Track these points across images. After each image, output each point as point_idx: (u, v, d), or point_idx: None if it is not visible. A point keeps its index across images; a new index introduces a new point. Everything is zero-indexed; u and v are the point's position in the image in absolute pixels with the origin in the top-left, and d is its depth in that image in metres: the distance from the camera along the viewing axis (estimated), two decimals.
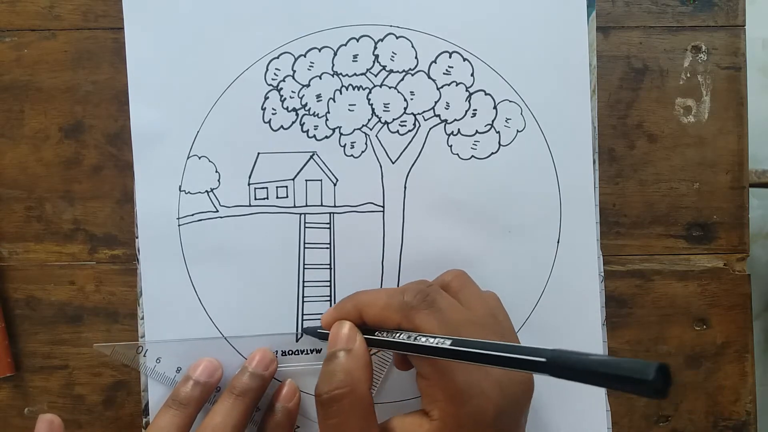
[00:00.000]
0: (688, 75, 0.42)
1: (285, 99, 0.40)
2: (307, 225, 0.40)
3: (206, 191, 0.40)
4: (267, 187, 0.40)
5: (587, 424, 0.40)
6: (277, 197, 0.40)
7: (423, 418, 0.31)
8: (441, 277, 0.37)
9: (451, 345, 0.28)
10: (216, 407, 0.36)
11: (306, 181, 0.40)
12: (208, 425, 0.35)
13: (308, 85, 0.40)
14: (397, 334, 0.32)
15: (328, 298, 0.40)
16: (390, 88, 0.40)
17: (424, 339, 0.30)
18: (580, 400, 0.40)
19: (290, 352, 0.39)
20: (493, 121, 0.40)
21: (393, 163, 0.40)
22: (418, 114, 0.40)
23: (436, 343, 0.29)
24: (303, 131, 0.40)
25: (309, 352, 0.39)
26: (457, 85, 0.40)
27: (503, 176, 0.40)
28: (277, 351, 0.39)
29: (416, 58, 0.40)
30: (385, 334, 0.33)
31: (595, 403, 0.40)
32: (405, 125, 0.40)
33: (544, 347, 0.25)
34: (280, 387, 0.38)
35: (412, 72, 0.40)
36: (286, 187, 0.40)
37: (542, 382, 0.40)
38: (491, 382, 0.31)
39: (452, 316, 0.32)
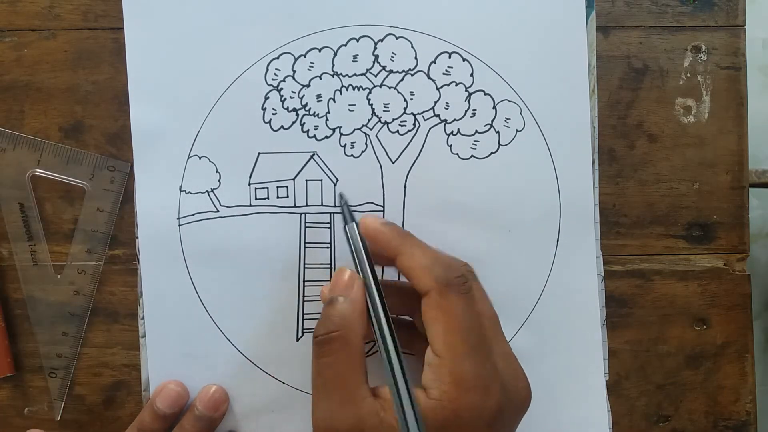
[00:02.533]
0: (688, 75, 0.42)
1: (285, 99, 0.40)
2: (307, 225, 0.40)
3: (207, 191, 0.40)
4: (267, 187, 0.40)
5: (587, 424, 0.40)
6: (278, 197, 0.40)
7: (420, 393, 0.31)
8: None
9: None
10: None
11: (306, 181, 0.40)
12: None
13: (308, 86, 0.40)
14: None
15: None
16: (390, 88, 0.40)
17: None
18: (581, 400, 0.40)
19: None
20: (492, 120, 0.40)
21: (393, 163, 0.40)
22: (418, 114, 0.40)
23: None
24: (303, 131, 0.40)
25: None
26: (456, 85, 0.40)
27: (503, 176, 0.40)
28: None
29: (416, 58, 0.40)
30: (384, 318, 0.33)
31: (595, 403, 0.40)
32: (405, 125, 0.40)
33: None
34: (207, 391, 0.39)
35: (412, 72, 0.40)
36: (287, 187, 0.40)
37: (542, 381, 0.40)
38: (498, 380, 0.31)
39: (478, 308, 0.32)
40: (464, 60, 0.40)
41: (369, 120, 0.40)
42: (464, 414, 0.30)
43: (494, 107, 0.40)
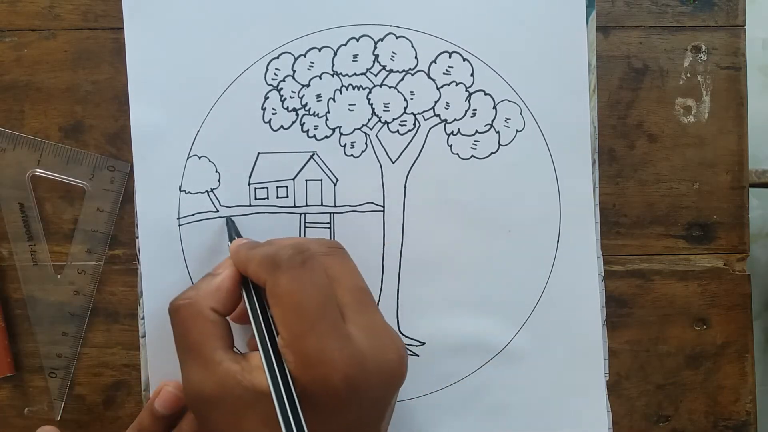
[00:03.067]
0: (688, 75, 0.42)
1: (285, 99, 0.40)
2: (307, 225, 0.40)
3: (206, 191, 0.40)
4: (267, 187, 0.40)
5: (587, 424, 0.40)
6: (278, 197, 0.40)
7: None
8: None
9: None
10: None
11: (306, 181, 0.40)
12: None
13: (308, 85, 0.40)
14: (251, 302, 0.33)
15: None
16: (390, 87, 0.40)
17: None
18: (581, 401, 0.40)
19: None
20: (492, 120, 0.40)
21: (393, 162, 0.40)
22: (418, 114, 0.40)
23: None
24: (303, 131, 0.40)
25: None
26: (456, 85, 0.40)
27: (503, 176, 0.40)
28: None
29: (416, 58, 0.40)
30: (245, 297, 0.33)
31: (595, 403, 0.40)
32: (405, 125, 0.40)
33: None
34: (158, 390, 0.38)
35: (412, 72, 0.40)
36: (286, 187, 0.40)
37: (542, 381, 0.40)
38: (347, 354, 0.29)
39: (321, 281, 0.31)
40: (465, 60, 0.40)
41: (369, 120, 0.40)
42: (313, 389, 0.29)
43: (494, 107, 0.40)
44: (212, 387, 0.31)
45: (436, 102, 0.40)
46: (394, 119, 0.40)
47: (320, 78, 0.40)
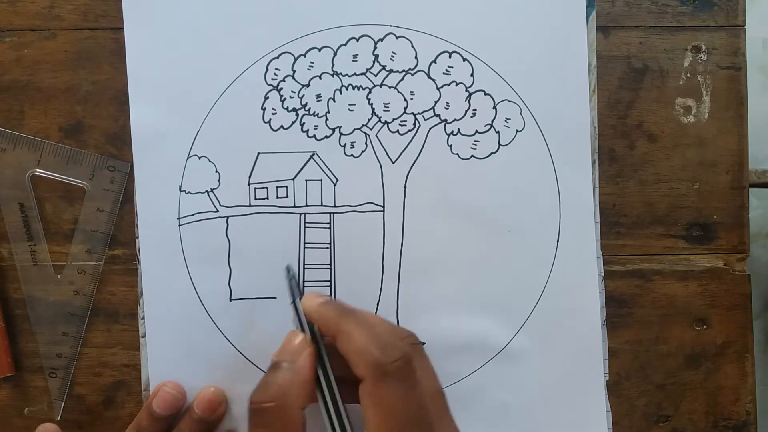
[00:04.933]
0: (688, 75, 0.42)
1: (285, 99, 0.40)
2: (307, 225, 0.40)
3: (206, 191, 0.40)
4: (267, 187, 0.40)
5: (587, 424, 0.40)
6: (277, 197, 0.40)
7: None
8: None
9: None
10: None
11: (306, 181, 0.40)
12: None
13: (308, 85, 0.40)
14: (332, 401, 0.32)
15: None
16: (390, 87, 0.40)
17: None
18: (581, 400, 0.40)
19: None
20: (492, 120, 0.40)
21: (393, 162, 0.40)
22: (418, 114, 0.40)
23: None
24: (303, 131, 0.40)
25: None
26: (456, 85, 0.40)
27: (503, 176, 0.40)
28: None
29: (416, 57, 0.40)
30: (328, 395, 0.32)
31: (595, 403, 0.40)
32: (405, 125, 0.40)
33: None
34: (204, 393, 0.38)
35: (412, 72, 0.40)
36: (286, 187, 0.40)
37: (542, 381, 0.40)
38: None
39: (418, 392, 0.31)
40: (464, 60, 0.40)
41: (369, 120, 0.40)
42: None
43: (494, 107, 0.40)
44: None
45: (436, 102, 0.40)
46: (394, 119, 0.40)
47: (320, 78, 0.40)
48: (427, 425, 0.31)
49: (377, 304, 0.40)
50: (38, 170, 0.41)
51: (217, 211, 0.40)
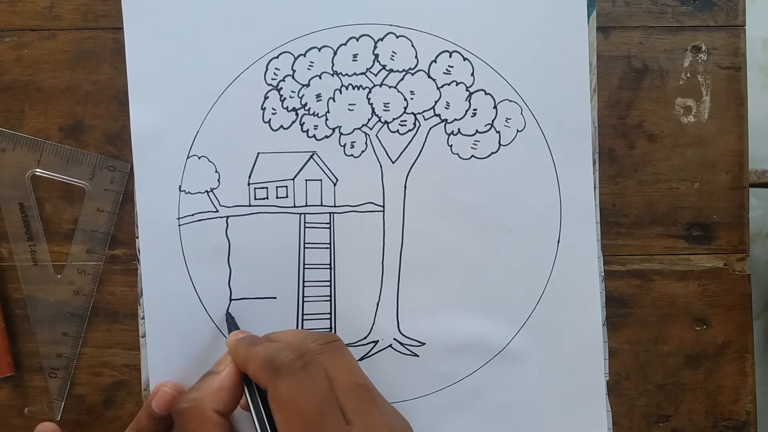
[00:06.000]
0: (688, 75, 0.42)
1: (285, 99, 0.40)
2: (307, 225, 0.40)
3: (206, 191, 0.40)
4: (267, 187, 0.40)
5: (587, 424, 0.40)
6: (277, 197, 0.40)
7: None
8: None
9: None
10: None
11: (306, 181, 0.40)
12: None
13: (308, 85, 0.40)
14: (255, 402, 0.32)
15: (328, 298, 0.40)
16: (390, 87, 0.40)
17: None
18: (581, 400, 0.40)
19: None
20: (493, 120, 0.40)
21: (393, 162, 0.40)
22: (418, 113, 0.40)
23: None
24: (303, 131, 0.40)
25: None
26: (457, 84, 0.40)
27: (503, 176, 0.40)
28: None
29: (416, 57, 0.40)
30: (250, 396, 0.33)
31: (595, 403, 0.40)
32: (405, 125, 0.40)
33: None
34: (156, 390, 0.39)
35: (412, 71, 0.40)
36: (286, 187, 0.40)
37: (542, 381, 0.40)
38: None
39: (320, 384, 0.31)
40: (465, 59, 0.40)
41: (369, 119, 0.40)
42: None
43: (495, 107, 0.40)
44: None
45: (436, 102, 0.40)
46: (394, 119, 0.40)
47: (320, 78, 0.40)
48: (336, 417, 0.30)
49: (377, 304, 0.40)
50: (38, 170, 0.41)
51: (217, 211, 0.40)
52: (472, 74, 0.40)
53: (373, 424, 0.31)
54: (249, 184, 0.40)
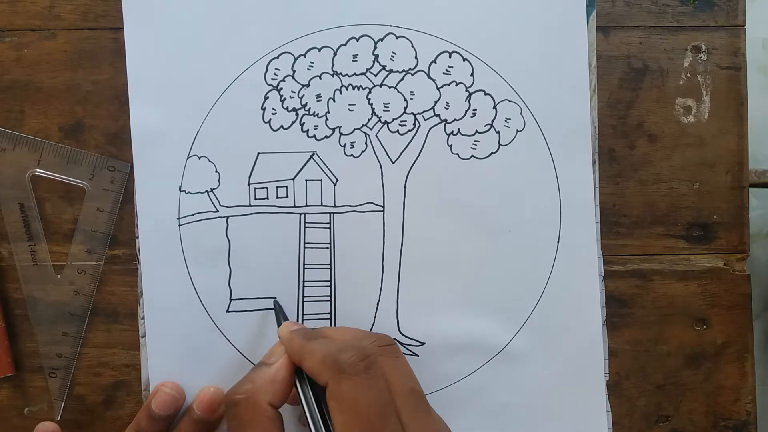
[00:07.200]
0: (688, 75, 0.42)
1: (285, 99, 0.40)
2: (307, 225, 0.40)
3: (206, 191, 0.40)
4: (267, 187, 0.40)
5: (587, 424, 0.40)
6: (277, 197, 0.40)
7: None
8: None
9: None
10: None
11: (306, 181, 0.40)
12: None
13: (308, 85, 0.40)
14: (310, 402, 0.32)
15: (329, 298, 0.40)
16: (390, 87, 0.40)
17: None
18: (581, 400, 0.40)
19: None
20: (492, 120, 0.40)
21: (393, 162, 0.40)
22: (418, 114, 0.40)
23: None
24: (303, 131, 0.40)
25: None
26: (456, 84, 0.40)
27: (503, 176, 0.40)
28: None
29: (416, 57, 0.40)
30: (305, 395, 0.33)
31: (595, 403, 0.40)
32: (405, 125, 0.40)
33: None
34: (204, 393, 0.38)
35: (412, 72, 0.40)
36: (286, 187, 0.40)
37: (542, 382, 0.40)
38: None
39: (381, 387, 0.31)
40: (464, 60, 0.40)
41: (369, 120, 0.40)
42: None
43: (494, 107, 0.40)
44: None
45: (436, 102, 0.40)
46: (394, 119, 0.40)
47: (320, 78, 0.40)
48: (394, 422, 0.30)
49: (377, 304, 0.40)
50: (38, 170, 0.41)
51: (217, 211, 0.40)
52: (472, 74, 0.40)
53: (427, 429, 0.31)
54: (249, 184, 0.40)
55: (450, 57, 0.40)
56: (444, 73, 0.40)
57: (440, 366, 0.40)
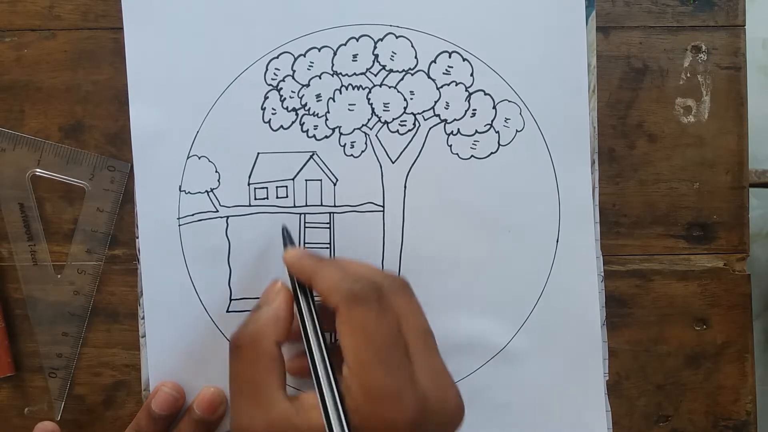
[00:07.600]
0: (688, 75, 0.42)
1: (285, 99, 0.40)
2: (307, 225, 0.40)
3: (206, 191, 0.40)
4: (267, 187, 0.40)
5: (587, 424, 0.40)
6: (277, 197, 0.40)
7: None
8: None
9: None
10: None
11: (306, 181, 0.40)
12: None
13: (308, 85, 0.40)
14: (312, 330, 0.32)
15: None
16: (390, 87, 0.40)
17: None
18: (580, 401, 0.40)
19: None
20: (492, 120, 0.40)
21: (393, 162, 0.40)
22: (418, 114, 0.40)
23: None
24: (303, 131, 0.40)
25: None
26: (456, 84, 0.40)
27: (503, 176, 0.40)
28: None
29: (416, 57, 0.40)
30: (309, 322, 0.33)
31: (595, 403, 0.40)
32: (405, 125, 0.40)
33: None
34: (204, 393, 0.38)
35: (412, 72, 0.40)
36: (286, 187, 0.40)
37: (542, 382, 0.40)
38: (415, 393, 0.30)
39: (391, 320, 0.31)
40: (464, 60, 0.40)
41: (369, 119, 0.40)
42: (374, 424, 0.29)
43: (494, 107, 0.40)
44: (263, 427, 0.31)
45: (435, 102, 0.40)
46: (393, 119, 0.40)
47: (320, 78, 0.40)
48: (399, 353, 0.30)
49: None
50: (38, 170, 0.41)
51: (217, 211, 0.40)
52: (472, 74, 0.40)
53: (434, 366, 0.32)
54: (249, 184, 0.40)
55: (450, 57, 0.40)
56: (444, 73, 0.40)
57: None
